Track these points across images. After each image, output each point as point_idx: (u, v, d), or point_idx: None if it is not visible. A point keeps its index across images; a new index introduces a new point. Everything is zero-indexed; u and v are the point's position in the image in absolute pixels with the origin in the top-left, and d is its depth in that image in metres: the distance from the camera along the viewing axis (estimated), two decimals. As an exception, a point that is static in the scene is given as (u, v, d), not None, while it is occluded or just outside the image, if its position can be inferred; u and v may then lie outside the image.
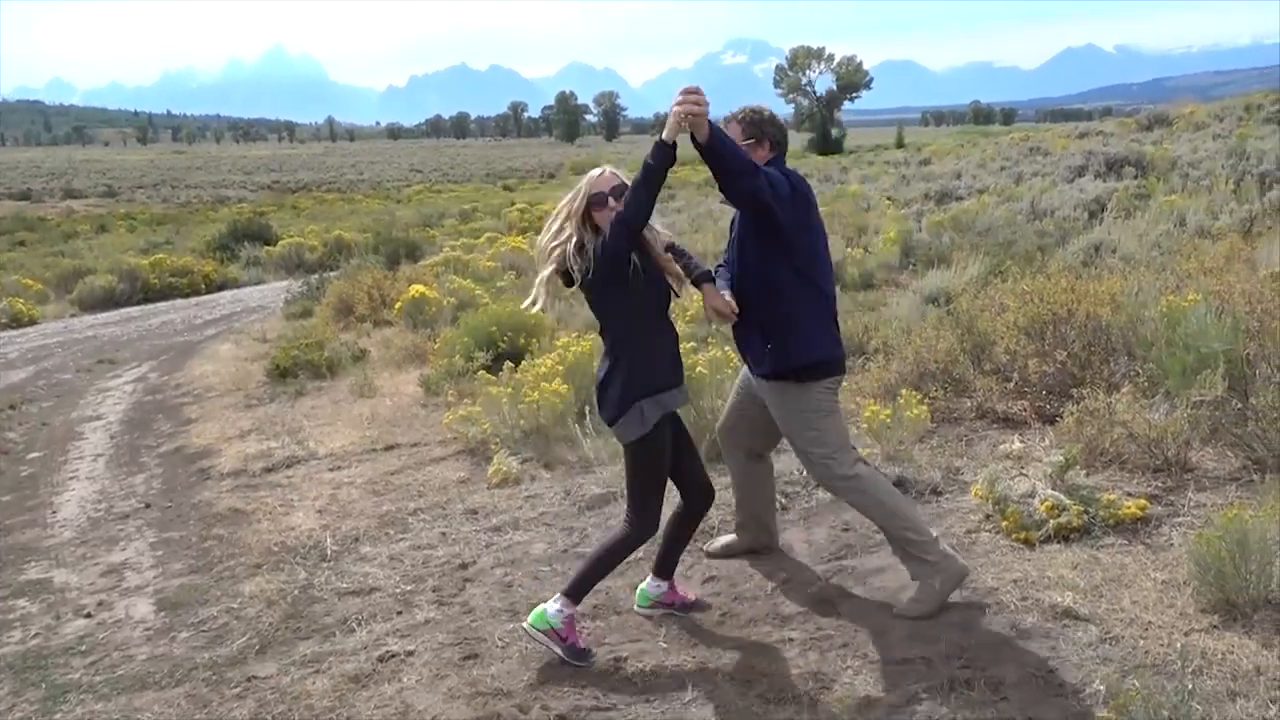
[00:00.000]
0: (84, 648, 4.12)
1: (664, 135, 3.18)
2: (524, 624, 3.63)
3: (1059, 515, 4.06)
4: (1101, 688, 3.00)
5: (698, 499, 3.74)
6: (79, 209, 57.87)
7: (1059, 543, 4.01)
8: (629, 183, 3.38)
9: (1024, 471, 4.53)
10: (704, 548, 4.37)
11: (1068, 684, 3.08)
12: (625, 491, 3.71)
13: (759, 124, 3.75)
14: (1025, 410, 5.64)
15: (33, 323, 16.15)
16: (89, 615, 4.44)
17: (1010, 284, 6.99)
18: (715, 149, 3.26)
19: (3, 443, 7.80)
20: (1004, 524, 4.15)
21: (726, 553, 4.33)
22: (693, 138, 3.25)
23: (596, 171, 3.54)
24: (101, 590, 4.71)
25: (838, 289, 4.45)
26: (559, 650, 3.54)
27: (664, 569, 3.84)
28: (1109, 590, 3.59)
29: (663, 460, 3.58)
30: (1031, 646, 3.31)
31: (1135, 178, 16.24)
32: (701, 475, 3.75)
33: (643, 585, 3.90)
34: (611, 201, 3.42)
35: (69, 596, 4.68)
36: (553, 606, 3.59)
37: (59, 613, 4.50)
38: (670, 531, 3.80)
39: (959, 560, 3.67)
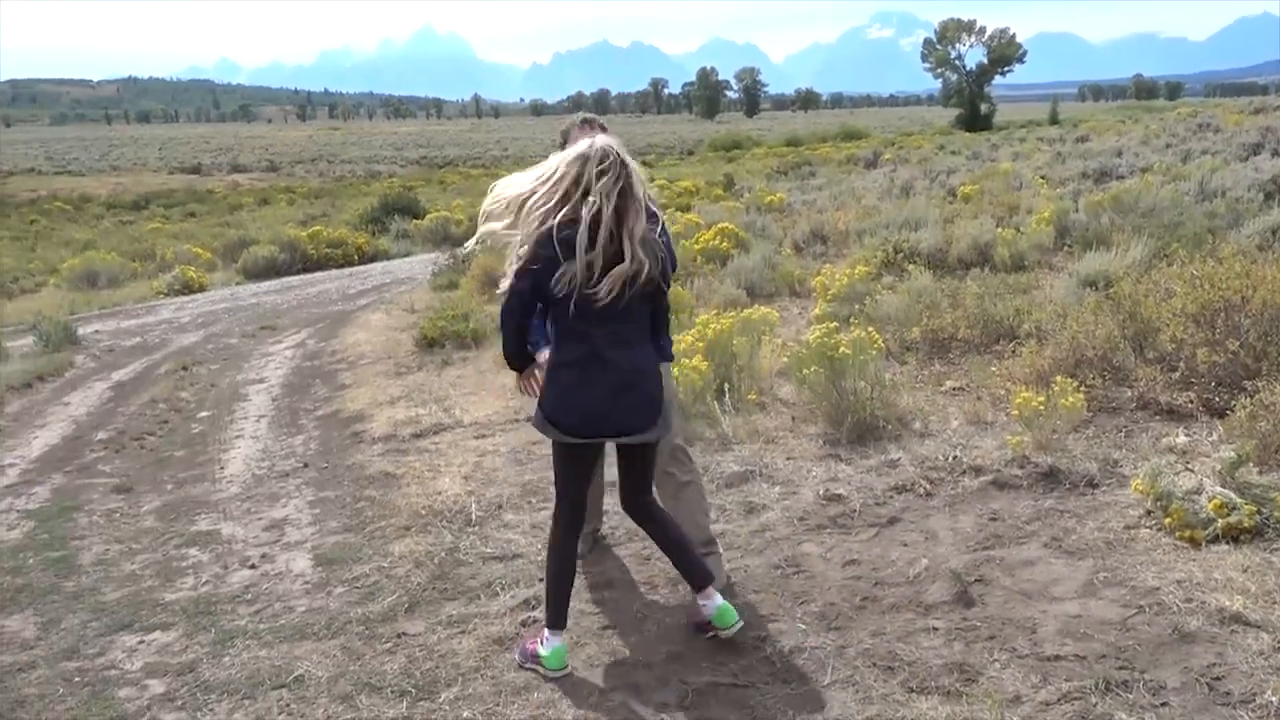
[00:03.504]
0: (249, 597, 4.37)
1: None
2: (725, 634, 3.51)
3: (1228, 514, 3.83)
4: (1274, 699, 2.83)
5: None
6: (243, 183, 61.17)
7: (1228, 543, 3.79)
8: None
9: (1189, 466, 4.28)
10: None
11: (1235, 693, 2.92)
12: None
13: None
14: (1192, 402, 5.34)
15: (202, 289, 17.15)
16: (253, 566, 4.70)
17: (1177, 268, 6.61)
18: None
19: (176, 401, 8.33)
20: (1167, 521, 3.95)
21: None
22: None
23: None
24: (264, 544, 4.98)
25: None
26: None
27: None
28: (1284, 596, 3.37)
29: None
30: (1196, 651, 3.14)
31: (1319, 156, 15.09)
32: None
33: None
34: None
35: (235, 548, 4.97)
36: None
37: (226, 563, 4.79)
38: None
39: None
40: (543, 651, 3.45)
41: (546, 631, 3.47)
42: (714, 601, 3.50)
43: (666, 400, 3.47)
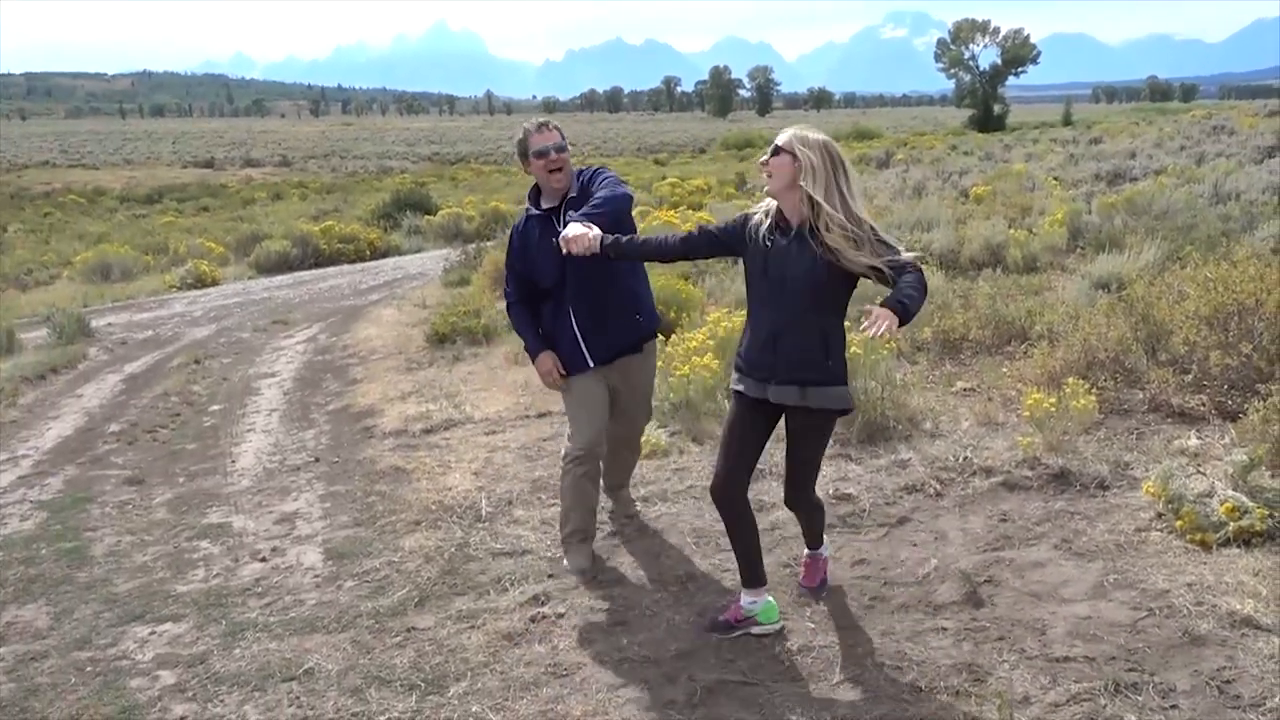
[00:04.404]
0: (259, 590, 4.39)
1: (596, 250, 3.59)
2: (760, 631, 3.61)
3: (1240, 518, 3.82)
4: (1284, 703, 2.82)
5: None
6: (257, 177, 61.31)
7: (1239, 547, 3.78)
8: (791, 143, 3.27)
9: (1201, 469, 4.28)
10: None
11: (1245, 696, 2.91)
12: None
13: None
14: (1204, 405, 5.32)
15: (215, 283, 17.20)
16: (264, 560, 4.73)
17: (1191, 271, 6.58)
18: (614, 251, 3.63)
19: (189, 394, 8.37)
20: (1178, 524, 3.94)
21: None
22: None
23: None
24: (275, 537, 5.01)
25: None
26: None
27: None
28: (1295, 600, 3.36)
29: (726, 425, 3.56)
30: (1206, 654, 3.13)
31: (1335, 159, 15.00)
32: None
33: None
34: (763, 158, 3.36)
35: (246, 541, 4.99)
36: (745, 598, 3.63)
37: (237, 556, 4.81)
38: None
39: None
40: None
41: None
42: (762, 599, 3.61)
43: None
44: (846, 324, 3.49)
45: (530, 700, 3.30)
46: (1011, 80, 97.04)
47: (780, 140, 3.31)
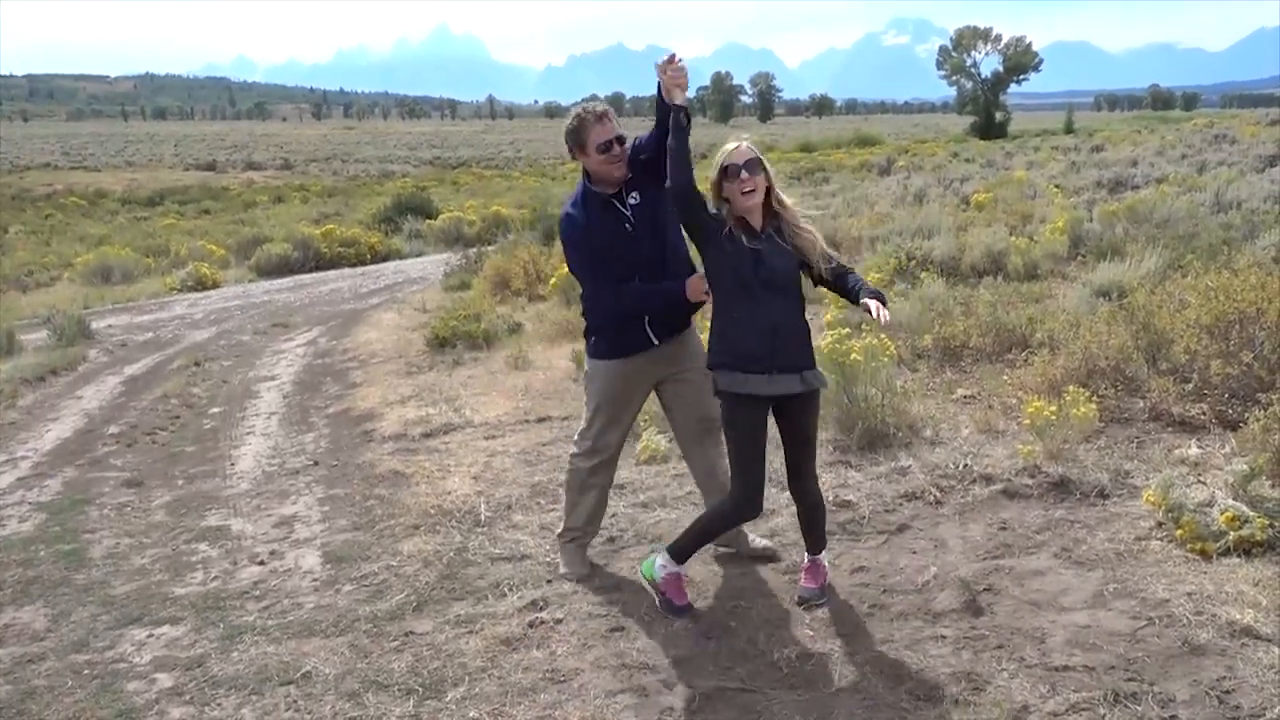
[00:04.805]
0: (258, 593, 4.38)
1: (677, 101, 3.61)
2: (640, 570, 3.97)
3: (1240, 527, 3.81)
4: (1284, 714, 2.81)
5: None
6: (258, 180, 61.33)
7: (1239, 556, 3.77)
8: (760, 156, 3.58)
9: (1202, 479, 4.27)
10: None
11: (1245, 707, 2.90)
12: None
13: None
14: (1204, 414, 5.31)
15: (215, 286, 17.21)
16: (262, 563, 4.72)
17: (1192, 279, 6.58)
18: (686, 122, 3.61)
19: (188, 397, 8.36)
20: (1178, 533, 3.93)
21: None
22: (674, 105, 3.60)
23: (731, 144, 3.64)
24: (274, 540, 5.00)
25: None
26: (658, 600, 3.86)
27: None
28: (1295, 611, 3.35)
29: (743, 435, 3.63)
30: (1206, 664, 3.13)
31: (1337, 169, 15.00)
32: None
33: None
34: (744, 174, 3.54)
35: (244, 544, 4.98)
36: (658, 560, 3.85)
37: (235, 559, 4.80)
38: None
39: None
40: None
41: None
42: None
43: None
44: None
45: (528, 706, 3.29)
46: (1013, 88, 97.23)
47: (750, 155, 3.57)
